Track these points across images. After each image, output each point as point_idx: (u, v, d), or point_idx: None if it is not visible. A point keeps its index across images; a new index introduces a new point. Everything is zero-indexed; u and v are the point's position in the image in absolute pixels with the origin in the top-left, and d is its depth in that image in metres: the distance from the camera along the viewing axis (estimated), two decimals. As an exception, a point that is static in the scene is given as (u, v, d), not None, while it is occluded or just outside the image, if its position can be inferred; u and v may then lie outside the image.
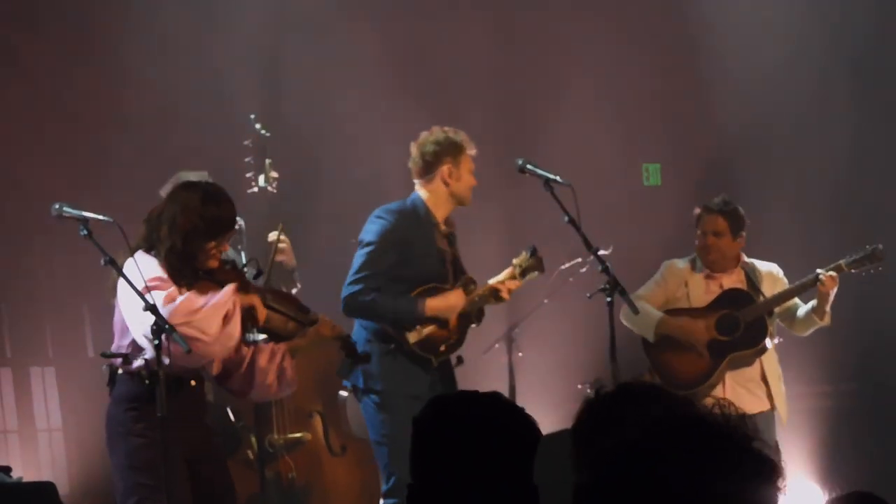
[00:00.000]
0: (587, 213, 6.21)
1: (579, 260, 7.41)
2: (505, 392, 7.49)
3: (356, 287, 6.35)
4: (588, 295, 6.46)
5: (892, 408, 8.81)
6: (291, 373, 5.69)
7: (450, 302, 6.46)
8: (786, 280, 7.11)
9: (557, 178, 6.29)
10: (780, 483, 1.98)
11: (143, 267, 5.29)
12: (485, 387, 3.00)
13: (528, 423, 2.86)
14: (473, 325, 6.65)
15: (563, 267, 7.65)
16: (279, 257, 7.03)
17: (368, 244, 6.43)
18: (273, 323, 5.61)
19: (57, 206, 5.44)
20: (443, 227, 6.55)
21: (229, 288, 5.38)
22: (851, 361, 8.88)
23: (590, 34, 8.88)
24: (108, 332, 5.63)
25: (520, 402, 3.01)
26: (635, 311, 6.51)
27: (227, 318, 5.33)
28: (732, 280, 7.07)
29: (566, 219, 6.22)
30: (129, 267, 5.30)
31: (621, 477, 1.97)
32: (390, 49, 8.71)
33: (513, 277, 6.55)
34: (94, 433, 7.80)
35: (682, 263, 7.16)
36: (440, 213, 6.53)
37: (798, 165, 9.07)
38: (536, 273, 6.62)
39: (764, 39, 9.04)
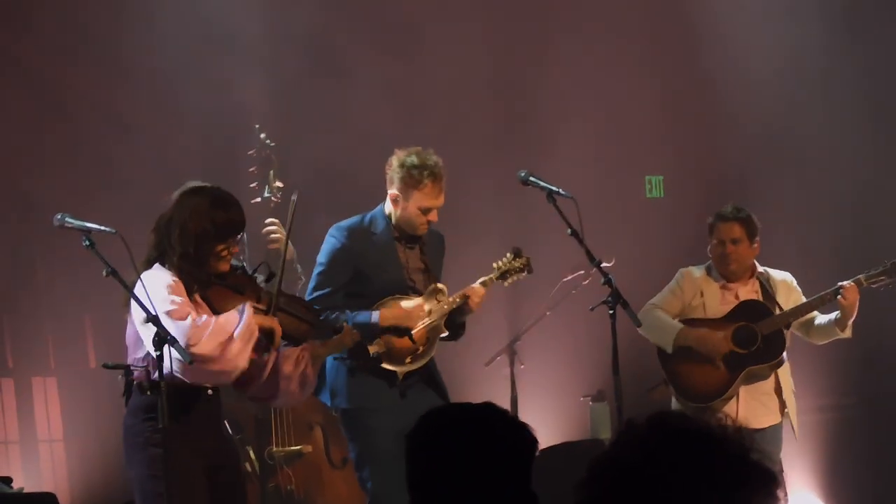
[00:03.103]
0: (590, 225, 6.20)
1: (582, 272, 7.41)
2: (506, 404, 7.50)
3: None
4: (591, 308, 6.44)
5: (894, 420, 8.79)
6: (313, 378, 5.73)
7: (405, 310, 6.32)
8: (800, 290, 7.03)
9: (560, 190, 6.26)
10: (780, 494, 1.97)
11: (160, 285, 5.29)
12: (487, 399, 2.99)
13: (522, 430, 2.86)
14: (443, 336, 6.44)
15: (565, 279, 7.65)
16: (275, 246, 6.97)
17: (320, 264, 6.41)
18: (286, 326, 5.63)
19: (59, 217, 5.40)
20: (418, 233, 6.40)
21: (249, 314, 5.40)
22: (852, 374, 8.86)
23: (593, 46, 8.88)
24: (109, 344, 5.63)
25: (522, 414, 3.01)
26: (637, 323, 6.47)
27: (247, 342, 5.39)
28: (748, 290, 6.99)
29: (569, 231, 6.19)
30: (145, 281, 5.28)
31: (619, 492, 1.96)
32: (394, 60, 8.71)
33: (485, 284, 6.40)
34: (96, 444, 7.81)
35: (698, 272, 7.04)
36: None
37: (802, 177, 9.06)
38: (523, 274, 6.52)
39: (769, 51, 9.03)
